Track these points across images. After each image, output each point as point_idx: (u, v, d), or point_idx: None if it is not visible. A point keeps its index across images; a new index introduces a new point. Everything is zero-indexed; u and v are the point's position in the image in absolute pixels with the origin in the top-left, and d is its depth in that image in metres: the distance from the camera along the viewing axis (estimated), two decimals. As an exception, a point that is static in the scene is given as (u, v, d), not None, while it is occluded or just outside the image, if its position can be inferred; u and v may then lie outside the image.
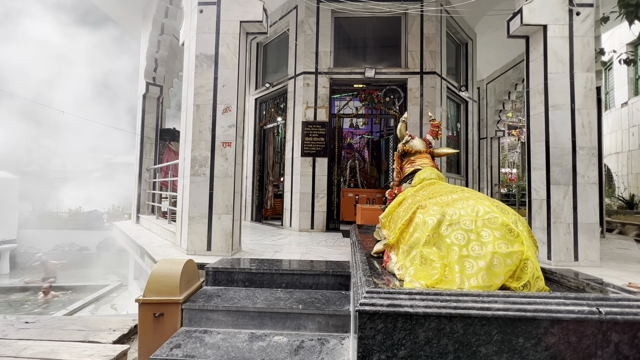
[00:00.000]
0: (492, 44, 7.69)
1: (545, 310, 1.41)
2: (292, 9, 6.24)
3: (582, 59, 3.45)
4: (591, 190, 3.38)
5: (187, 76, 3.91)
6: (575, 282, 1.86)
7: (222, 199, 3.57)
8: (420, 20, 5.80)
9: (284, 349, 2.17)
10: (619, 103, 10.18)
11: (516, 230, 1.68)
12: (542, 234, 3.46)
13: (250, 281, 2.90)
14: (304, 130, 5.82)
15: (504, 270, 1.62)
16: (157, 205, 6.15)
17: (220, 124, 3.61)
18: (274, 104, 6.95)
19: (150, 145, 6.72)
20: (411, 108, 5.73)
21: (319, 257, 3.52)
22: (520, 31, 3.66)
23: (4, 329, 2.68)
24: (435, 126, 3.13)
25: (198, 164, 3.60)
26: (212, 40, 3.65)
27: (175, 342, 2.24)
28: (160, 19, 6.20)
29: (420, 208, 1.97)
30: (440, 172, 2.72)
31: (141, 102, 6.70)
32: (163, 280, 2.49)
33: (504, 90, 9.04)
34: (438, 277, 1.69)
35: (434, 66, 5.75)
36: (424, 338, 1.41)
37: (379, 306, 1.43)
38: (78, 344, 2.39)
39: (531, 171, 3.66)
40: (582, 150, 3.40)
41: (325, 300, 2.58)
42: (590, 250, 3.35)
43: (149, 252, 3.79)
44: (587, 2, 3.47)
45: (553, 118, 3.46)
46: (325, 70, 5.86)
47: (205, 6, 3.68)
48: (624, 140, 10.00)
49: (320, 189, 5.76)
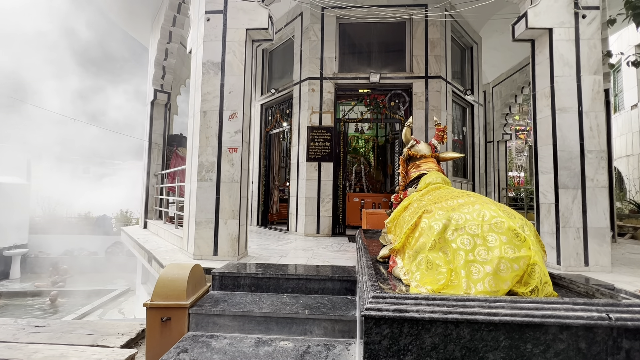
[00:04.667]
0: (498, 47, 7.66)
1: (554, 316, 1.39)
2: (297, 15, 6.32)
3: (588, 61, 3.43)
4: (601, 194, 3.33)
5: (194, 83, 3.97)
6: (585, 288, 1.83)
7: (229, 203, 3.60)
8: (424, 24, 5.82)
9: (290, 354, 2.17)
10: (629, 105, 10.02)
11: (523, 234, 1.67)
12: (551, 239, 3.42)
13: (257, 286, 2.91)
14: (310, 135, 5.85)
15: (511, 276, 1.60)
16: (165, 210, 6.22)
17: (226, 130, 3.66)
18: (279, 110, 7.00)
19: (158, 151, 6.81)
20: (416, 112, 5.72)
21: (325, 262, 3.52)
22: (525, 35, 3.65)
23: (15, 332, 2.73)
24: (440, 130, 3.12)
25: (205, 169, 3.64)
26: (219, 48, 3.71)
27: (182, 346, 2.25)
28: (168, 27, 6.33)
29: (425, 213, 1.97)
30: (446, 176, 2.71)
31: (149, 109, 6.81)
32: (170, 285, 2.51)
33: (511, 94, 8.98)
34: (444, 282, 1.68)
35: (439, 70, 5.75)
36: (430, 344, 1.40)
37: (385, 311, 1.43)
38: (87, 348, 2.42)
39: (539, 175, 3.62)
40: (591, 153, 3.36)
41: (331, 306, 2.58)
42: (601, 255, 3.29)
43: (157, 257, 3.82)
44: (593, 4, 3.45)
45: (560, 121, 3.43)
46: (330, 75, 5.90)
47: (212, 15, 3.75)
48: (634, 143, 9.83)
49: (326, 194, 5.77)
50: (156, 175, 6.72)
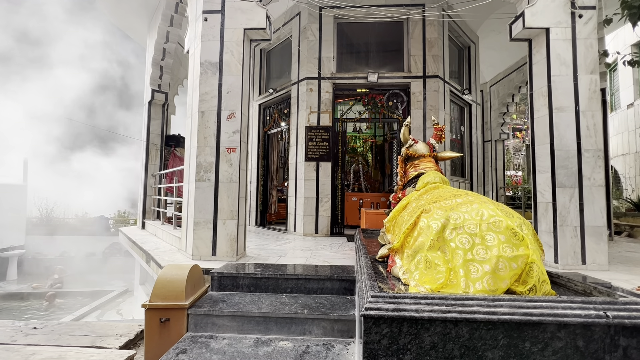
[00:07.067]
0: (495, 47, 7.69)
1: (552, 314, 1.40)
2: (295, 15, 6.31)
3: (585, 61, 3.44)
4: (598, 193, 3.35)
5: (192, 83, 3.96)
6: (583, 286, 1.85)
7: (227, 204, 3.60)
8: (422, 24, 5.83)
9: (289, 354, 2.17)
10: (625, 104, 10.09)
11: (521, 233, 1.68)
12: (549, 237, 3.43)
13: (256, 286, 2.91)
14: (308, 135, 5.84)
15: (510, 274, 1.61)
16: (163, 210, 6.20)
17: (224, 130, 3.65)
18: (277, 110, 7.00)
19: (155, 151, 6.79)
20: (414, 112, 5.73)
21: (324, 262, 3.52)
22: (522, 34, 3.66)
23: (13, 334, 2.71)
24: (438, 130, 3.13)
25: (203, 169, 3.64)
26: (217, 48, 3.70)
27: (181, 347, 2.25)
28: (165, 27, 6.30)
29: (424, 212, 1.97)
30: (444, 175, 2.71)
31: (147, 109, 6.79)
32: (169, 286, 2.50)
33: (508, 93, 9.01)
34: (443, 281, 1.68)
35: (437, 70, 5.77)
36: (429, 343, 1.40)
37: (384, 311, 1.43)
38: (85, 350, 2.41)
39: (536, 174, 3.64)
40: (588, 152, 3.38)
41: (330, 305, 2.58)
42: (598, 254, 3.31)
43: (155, 258, 3.81)
44: (590, 4, 3.47)
45: (557, 121, 3.45)
46: (328, 75, 5.90)
47: (210, 14, 3.74)
48: (630, 142, 9.89)
49: (324, 194, 5.77)
50: (154, 176, 6.70)
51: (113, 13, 7.31)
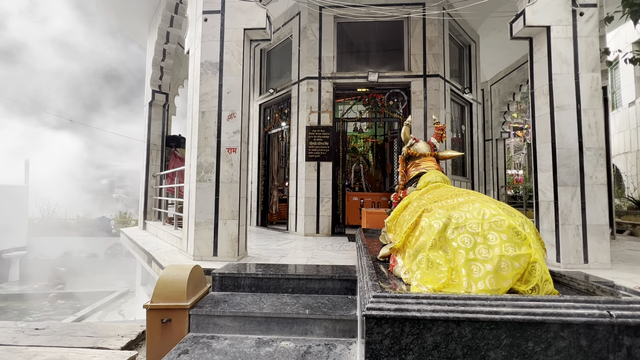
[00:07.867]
0: (496, 45, 7.67)
1: (555, 313, 1.39)
2: (295, 15, 6.31)
3: (586, 59, 3.43)
4: (599, 191, 3.34)
5: (192, 84, 3.96)
6: (585, 285, 1.84)
7: (228, 204, 3.60)
8: (422, 23, 5.82)
9: (291, 354, 2.17)
10: (627, 102, 10.05)
11: (523, 232, 1.67)
12: (551, 236, 3.42)
13: (257, 286, 2.91)
14: (308, 135, 5.84)
15: (512, 274, 1.60)
16: (164, 211, 6.20)
17: (225, 130, 3.65)
18: (278, 110, 6.99)
19: (156, 152, 6.79)
20: (415, 111, 5.72)
21: (325, 262, 3.51)
22: (523, 33, 3.65)
23: (15, 335, 2.71)
24: (439, 129, 3.13)
25: (204, 170, 3.63)
26: (217, 48, 3.70)
27: (182, 348, 2.25)
28: (165, 27, 6.31)
29: (425, 211, 1.96)
30: (445, 175, 2.71)
31: (147, 110, 6.79)
32: (170, 286, 2.50)
33: (509, 92, 8.99)
34: (445, 280, 1.68)
35: (437, 69, 5.75)
36: (432, 343, 1.40)
37: (386, 310, 1.42)
38: (87, 350, 2.41)
39: (538, 173, 3.62)
40: (589, 150, 3.37)
41: (332, 305, 2.58)
42: (600, 252, 3.30)
43: (156, 258, 3.81)
44: (591, 2, 3.46)
45: (559, 119, 3.44)
46: (329, 75, 5.89)
47: (210, 15, 3.74)
48: (632, 140, 9.86)
49: (325, 193, 5.77)
50: (155, 177, 6.70)
51: (113, 14, 7.31)
